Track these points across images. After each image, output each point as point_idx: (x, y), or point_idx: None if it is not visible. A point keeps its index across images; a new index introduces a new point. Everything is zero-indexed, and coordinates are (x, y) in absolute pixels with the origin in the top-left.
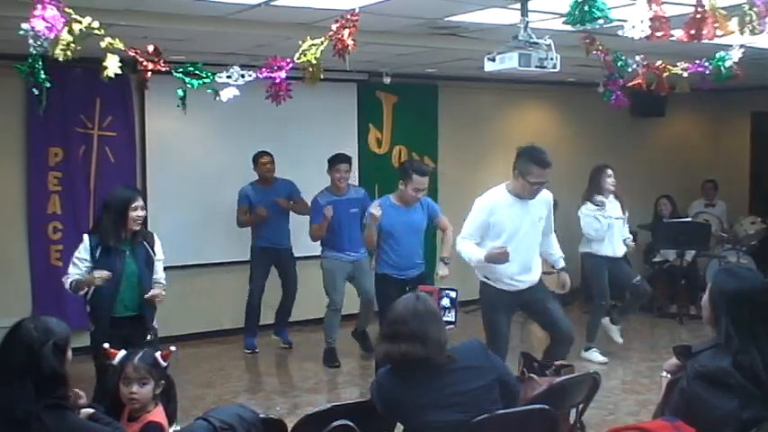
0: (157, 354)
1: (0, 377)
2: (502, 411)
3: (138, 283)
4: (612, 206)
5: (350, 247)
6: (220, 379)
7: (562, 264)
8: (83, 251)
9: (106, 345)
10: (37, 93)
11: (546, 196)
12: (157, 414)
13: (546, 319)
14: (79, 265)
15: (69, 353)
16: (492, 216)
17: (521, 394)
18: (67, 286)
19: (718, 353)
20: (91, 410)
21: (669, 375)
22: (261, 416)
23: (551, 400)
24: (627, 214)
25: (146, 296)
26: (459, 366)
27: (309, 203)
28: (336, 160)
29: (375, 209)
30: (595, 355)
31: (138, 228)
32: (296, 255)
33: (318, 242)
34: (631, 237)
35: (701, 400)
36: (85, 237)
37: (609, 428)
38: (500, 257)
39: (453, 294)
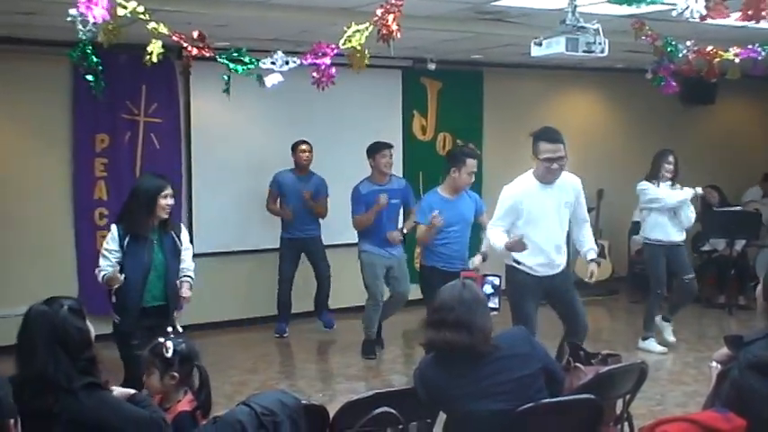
0: (169, 344)
1: (30, 354)
2: (547, 400)
3: (165, 273)
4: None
5: (388, 242)
6: (263, 365)
7: (592, 255)
8: (111, 242)
9: None
10: (92, 78)
11: (574, 182)
12: (186, 403)
13: (565, 309)
14: (109, 256)
15: (91, 326)
16: (519, 202)
17: (566, 383)
18: (100, 279)
19: None
20: (132, 391)
21: (719, 366)
22: (303, 402)
23: (597, 389)
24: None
25: (179, 293)
26: (504, 355)
27: (350, 193)
28: (380, 147)
29: (436, 219)
30: (653, 345)
31: (166, 216)
32: (333, 243)
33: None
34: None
35: (754, 390)
36: (113, 227)
37: (656, 419)
38: (517, 246)
39: (497, 281)
